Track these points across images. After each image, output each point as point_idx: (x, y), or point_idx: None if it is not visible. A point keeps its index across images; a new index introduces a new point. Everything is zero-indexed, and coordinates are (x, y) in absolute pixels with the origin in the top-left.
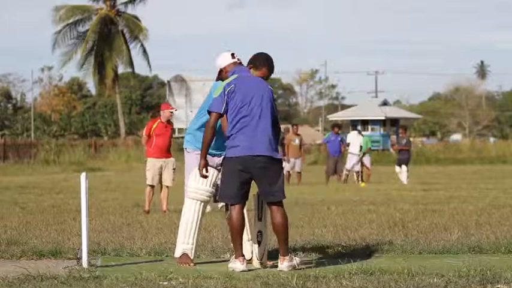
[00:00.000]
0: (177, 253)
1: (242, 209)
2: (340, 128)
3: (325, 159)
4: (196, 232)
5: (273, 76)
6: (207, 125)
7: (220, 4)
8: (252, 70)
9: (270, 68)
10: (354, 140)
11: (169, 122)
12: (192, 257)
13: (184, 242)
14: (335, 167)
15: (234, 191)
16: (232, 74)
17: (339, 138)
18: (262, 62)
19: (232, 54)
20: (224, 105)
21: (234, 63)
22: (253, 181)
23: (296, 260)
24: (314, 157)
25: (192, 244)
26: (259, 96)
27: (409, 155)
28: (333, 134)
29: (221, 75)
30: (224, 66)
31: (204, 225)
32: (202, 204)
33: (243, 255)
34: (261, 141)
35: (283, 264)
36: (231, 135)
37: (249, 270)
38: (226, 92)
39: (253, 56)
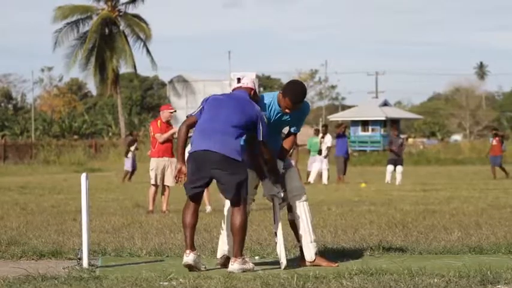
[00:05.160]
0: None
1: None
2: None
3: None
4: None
5: (273, 77)
6: None
7: (220, 4)
8: (281, 96)
9: (294, 100)
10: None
11: (168, 122)
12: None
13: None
14: (344, 166)
15: None
16: None
17: (345, 139)
18: (287, 93)
19: (238, 79)
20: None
21: (238, 87)
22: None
23: (249, 265)
24: None
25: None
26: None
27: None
28: (337, 134)
29: None
30: (232, 90)
31: (204, 226)
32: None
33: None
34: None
35: (234, 265)
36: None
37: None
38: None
39: (288, 83)
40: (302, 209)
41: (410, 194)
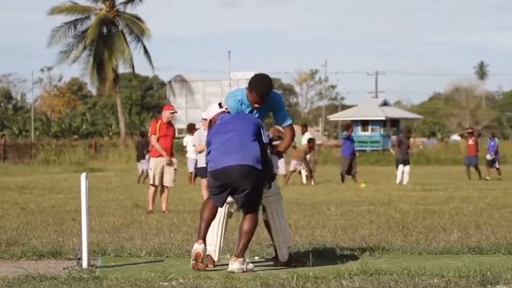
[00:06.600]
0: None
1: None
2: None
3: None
4: (220, 234)
5: (272, 77)
6: None
7: (220, 4)
8: (247, 91)
9: (260, 93)
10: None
11: (170, 123)
12: (215, 259)
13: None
14: (349, 166)
15: None
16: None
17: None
18: (253, 87)
19: (220, 104)
20: None
21: (222, 112)
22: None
23: (249, 265)
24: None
25: (215, 246)
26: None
27: None
28: (347, 137)
29: (211, 124)
30: (213, 117)
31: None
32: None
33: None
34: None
35: (234, 264)
36: None
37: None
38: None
39: (252, 78)
40: (275, 209)
41: (410, 194)
